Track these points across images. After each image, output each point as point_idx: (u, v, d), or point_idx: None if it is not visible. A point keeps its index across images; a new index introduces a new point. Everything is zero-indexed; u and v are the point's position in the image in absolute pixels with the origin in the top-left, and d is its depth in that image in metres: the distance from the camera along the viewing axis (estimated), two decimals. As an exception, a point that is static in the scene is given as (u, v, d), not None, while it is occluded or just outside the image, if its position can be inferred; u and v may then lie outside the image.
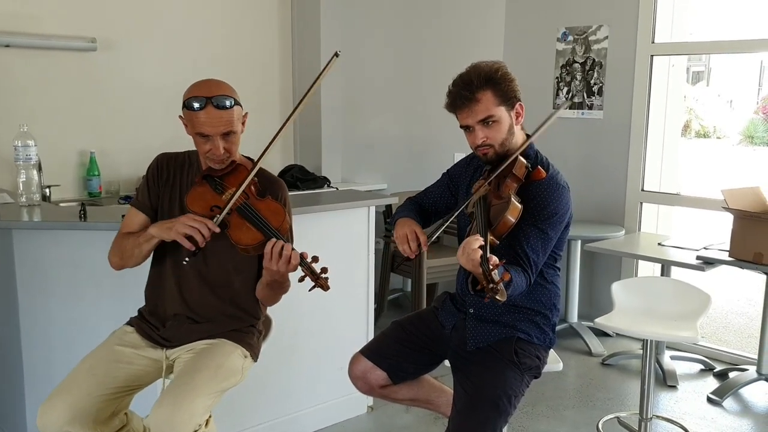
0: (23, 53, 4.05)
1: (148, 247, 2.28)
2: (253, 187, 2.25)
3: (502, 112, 2.30)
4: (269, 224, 2.15)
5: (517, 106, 2.34)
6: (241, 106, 2.29)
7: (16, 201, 2.98)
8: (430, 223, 2.62)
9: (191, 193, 2.25)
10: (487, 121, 2.28)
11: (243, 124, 2.33)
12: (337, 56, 2.28)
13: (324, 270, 2.07)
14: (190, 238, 2.13)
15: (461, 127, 2.36)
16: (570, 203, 2.36)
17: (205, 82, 2.26)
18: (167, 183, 2.39)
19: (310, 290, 2.08)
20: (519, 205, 2.20)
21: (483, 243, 2.00)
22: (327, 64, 2.29)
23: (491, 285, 1.89)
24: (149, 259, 2.40)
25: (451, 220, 2.34)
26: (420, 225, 2.44)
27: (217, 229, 2.14)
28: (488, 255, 1.94)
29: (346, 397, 3.44)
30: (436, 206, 2.63)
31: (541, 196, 2.29)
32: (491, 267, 1.90)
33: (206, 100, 2.19)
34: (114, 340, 2.34)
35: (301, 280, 2.10)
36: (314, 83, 2.29)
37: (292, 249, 2.09)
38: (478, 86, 2.26)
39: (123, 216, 2.46)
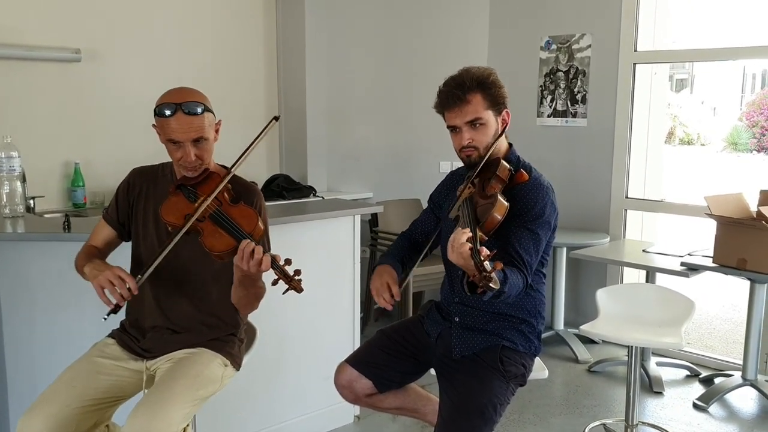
0: (7, 64, 4.03)
1: (85, 278, 2.25)
2: (226, 194, 2.25)
3: (489, 116, 2.33)
4: (242, 229, 2.14)
5: (504, 113, 2.38)
6: (212, 113, 2.30)
7: (0, 212, 2.96)
8: (422, 251, 2.62)
9: (165, 204, 2.25)
10: (474, 123, 2.31)
11: (216, 131, 2.33)
12: (276, 120, 2.34)
13: (297, 272, 2.05)
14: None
15: (448, 127, 2.38)
16: (555, 203, 2.39)
17: (176, 89, 2.27)
18: (140, 197, 2.40)
19: (284, 293, 2.06)
20: (505, 203, 2.22)
21: (471, 236, 2.00)
22: (266, 127, 2.32)
23: (484, 274, 1.89)
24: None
25: (424, 253, 2.38)
26: (397, 271, 2.46)
27: (136, 292, 2.13)
28: (478, 247, 1.94)
29: (332, 406, 3.44)
30: (426, 234, 2.65)
31: (527, 198, 2.32)
32: (482, 258, 1.90)
33: (176, 106, 2.20)
34: (95, 351, 2.34)
35: (275, 283, 2.08)
36: (252, 145, 2.29)
37: (264, 252, 2.08)
38: (469, 88, 2.30)
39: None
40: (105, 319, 2.12)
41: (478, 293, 1.99)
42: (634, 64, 4.57)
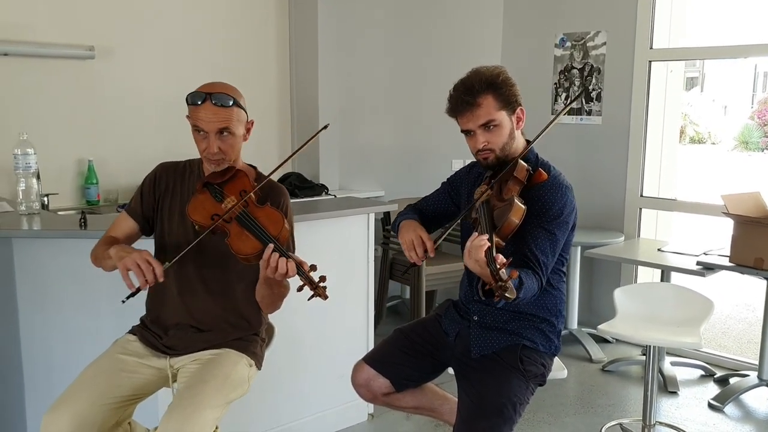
0: (21, 61, 4.03)
1: (110, 263, 2.23)
2: (253, 195, 2.24)
3: (503, 116, 2.30)
4: (268, 233, 2.13)
5: (518, 110, 2.35)
6: (244, 110, 2.29)
7: (16, 209, 2.96)
8: (430, 231, 2.61)
9: (192, 202, 2.24)
10: (488, 126, 2.28)
11: (247, 131, 2.32)
12: (325, 128, 2.38)
13: (322, 279, 2.05)
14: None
15: (462, 131, 2.35)
16: (574, 203, 2.36)
17: (212, 82, 2.27)
18: (166, 192, 2.38)
19: (309, 299, 2.06)
20: (522, 206, 2.19)
21: (488, 243, 1.99)
22: (316, 134, 2.39)
23: (500, 283, 1.87)
24: None
25: (454, 224, 2.33)
26: (424, 229, 2.43)
27: (162, 279, 2.11)
28: (494, 255, 1.92)
29: (346, 404, 3.43)
30: (436, 213, 2.62)
31: (545, 198, 2.29)
32: (498, 266, 1.89)
33: (206, 95, 2.20)
34: (117, 348, 2.32)
35: (300, 289, 2.07)
36: (304, 145, 2.36)
37: (289, 259, 2.06)
38: (479, 91, 2.26)
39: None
40: (123, 301, 2.09)
41: (494, 300, 1.97)
42: (650, 61, 4.54)
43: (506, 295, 1.88)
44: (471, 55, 5.02)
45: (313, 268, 2.07)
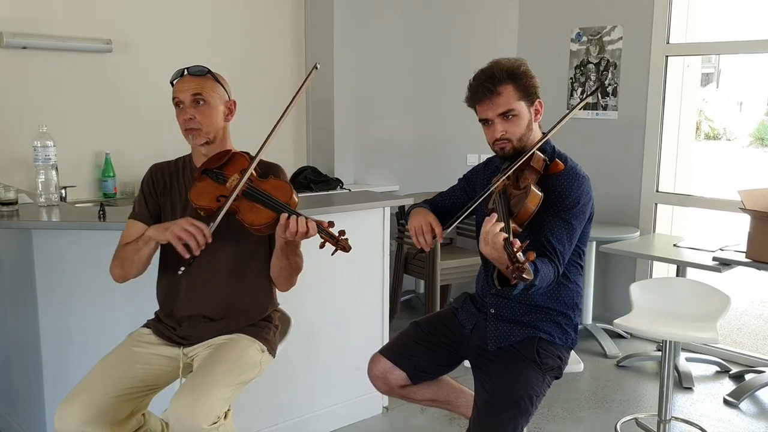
0: (40, 55, 4.06)
1: (147, 250, 2.27)
2: (254, 172, 2.27)
3: (522, 107, 2.31)
4: (278, 200, 2.17)
5: (536, 103, 2.36)
6: (224, 87, 2.36)
7: (35, 201, 2.99)
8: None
9: (194, 190, 2.27)
10: (507, 115, 2.30)
11: (230, 111, 2.39)
12: (316, 68, 2.35)
13: (342, 233, 2.09)
14: (186, 245, 2.13)
15: (480, 120, 2.36)
16: (591, 193, 2.36)
17: None
18: (165, 190, 2.42)
19: (332, 254, 2.10)
20: (539, 193, 2.20)
21: (504, 227, 1.99)
22: (307, 77, 2.35)
23: (517, 264, 1.87)
24: (158, 264, 2.41)
25: (468, 211, 2.32)
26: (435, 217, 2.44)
27: (210, 239, 2.14)
28: (512, 239, 1.93)
29: (361, 397, 3.44)
30: (451, 208, 2.61)
31: (562, 187, 2.30)
32: (515, 249, 1.89)
33: (184, 69, 2.32)
34: (130, 341, 2.35)
35: (322, 246, 2.11)
36: (296, 95, 2.33)
37: (307, 219, 2.11)
38: (500, 80, 2.28)
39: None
40: (180, 272, 2.13)
41: (512, 284, 1.97)
42: (667, 56, 4.52)
43: (524, 276, 1.88)
44: (486, 50, 4.99)
45: (331, 224, 2.11)
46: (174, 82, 2.33)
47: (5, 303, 3.15)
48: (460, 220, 2.33)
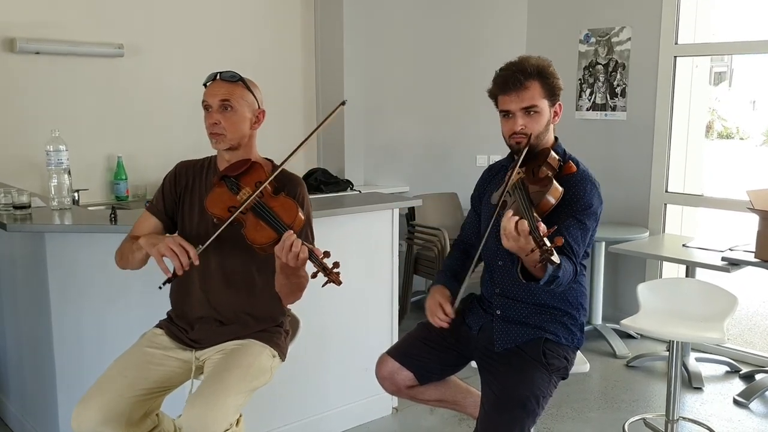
0: (52, 60, 4.11)
1: (139, 255, 2.29)
2: (269, 186, 2.26)
3: (545, 105, 2.35)
4: (281, 221, 2.16)
5: (557, 104, 2.40)
6: (254, 95, 2.36)
7: (48, 205, 3.02)
8: (472, 258, 2.60)
9: (210, 195, 2.28)
10: (529, 110, 2.33)
11: (257, 120, 2.38)
12: (343, 105, 2.35)
13: (336, 264, 2.06)
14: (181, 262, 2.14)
15: (501, 111, 2.38)
16: (601, 199, 2.39)
17: None
18: (186, 189, 2.43)
19: (323, 285, 2.08)
20: (560, 188, 2.23)
21: (527, 215, 2.01)
22: (332, 111, 2.33)
23: (545, 247, 1.90)
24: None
25: (493, 218, 2.32)
26: (451, 287, 2.49)
27: (197, 262, 2.15)
28: (536, 224, 1.95)
29: (371, 398, 3.46)
30: (477, 232, 2.64)
31: (575, 189, 2.32)
32: (542, 234, 1.92)
33: (217, 73, 2.32)
34: (144, 342, 2.38)
35: (314, 276, 2.10)
36: (319, 126, 2.36)
37: (302, 244, 2.09)
38: (530, 74, 2.32)
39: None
40: (161, 287, 2.14)
41: (536, 277, 1.99)
42: (675, 57, 4.51)
43: (552, 259, 1.90)
44: (495, 52, 5.02)
45: (327, 254, 2.09)
46: (206, 85, 2.34)
47: (19, 305, 3.20)
48: (475, 264, 2.38)
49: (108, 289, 2.83)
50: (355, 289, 3.41)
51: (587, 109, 4.89)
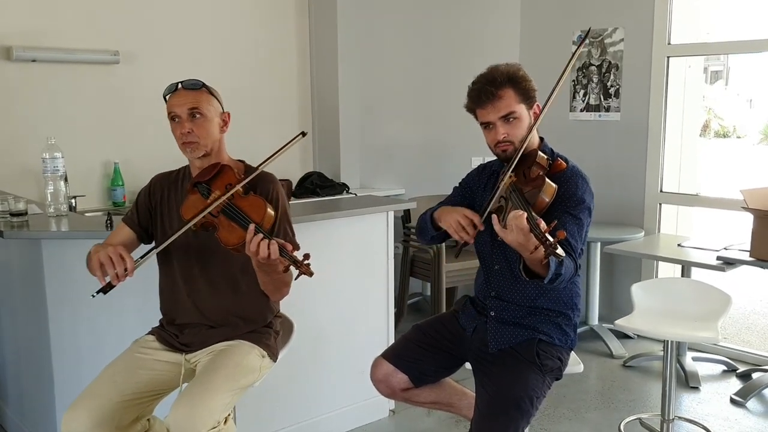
0: (48, 67, 4.12)
1: (90, 262, 2.27)
2: (240, 187, 2.27)
3: (522, 109, 2.36)
4: (251, 220, 2.16)
5: (535, 105, 2.41)
6: (218, 100, 2.39)
7: (44, 212, 3.04)
8: (447, 238, 2.63)
9: (185, 204, 2.31)
10: (508, 118, 2.34)
11: (225, 123, 2.40)
12: (303, 135, 2.32)
13: (306, 256, 2.06)
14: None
15: (481, 124, 2.40)
16: (593, 193, 2.41)
17: None
18: (162, 201, 2.46)
19: (295, 278, 2.09)
20: (554, 185, 2.25)
21: (525, 212, 2.02)
22: (290, 141, 2.30)
23: (548, 242, 1.91)
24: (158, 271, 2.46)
25: (488, 207, 2.32)
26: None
27: (131, 274, 2.16)
28: (536, 221, 1.97)
29: (367, 401, 3.48)
30: None
31: (567, 185, 2.34)
32: (543, 229, 1.93)
33: (178, 83, 2.35)
34: (135, 348, 2.41)
35: (285, 270, 2.09)
36: (274, 154, 2.30)
37: (271, 240, 2.08)
38: (501, 83, 2.33)
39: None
40: (93, 296, 2.15)
41: (540, 275, 2.00)
42: (668, 57, 4.54)
43: (557, 252, 1.92)
44: (489, 53, 5.04)
45: (296, 248, 2.11)
46: (167, 97, 2.36)
47: (16, 312, 3.21)
48: (488, 210, 2.32)
49: (105, 295, 2.84)
50: (351, 292, 3.43)
51: (581, 110, 4.91)
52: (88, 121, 4.30)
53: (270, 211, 2.21)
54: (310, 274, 2.05)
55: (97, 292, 2.16)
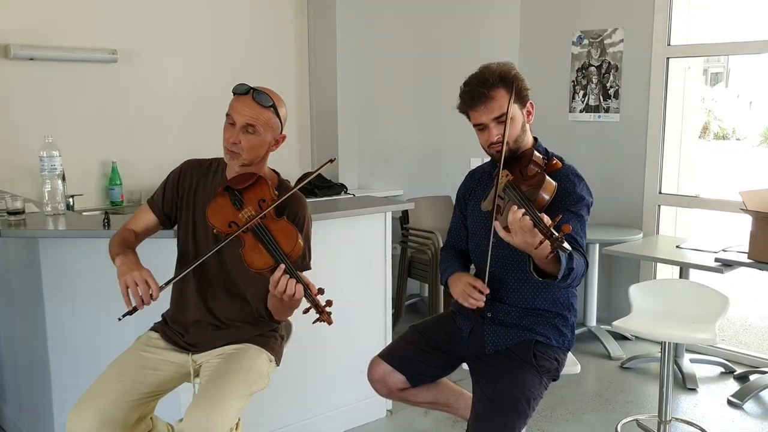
0: (46, 65, 4.12)
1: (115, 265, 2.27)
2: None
3: (515, 109, 2.35)
4: (281, 249, 2.12)
5: (528, 104, 2.40)
6: (280, 122, 2.33)
7: (42, 210, 3.04)
8: (470, 259, 2.64)
9: (212, 205, 2.25)
10: (501, 119, 2.32)
11: (276, 143, 2.35)
12: (331, 162, 2.33)
13: (329, 303, 2.04)
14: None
15: (475, 125, 2.39)
16: (590, 191, 2.41)
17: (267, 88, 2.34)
18: (189, 191, 2.42)
19: (313, 323, 2.05)
20: (554, 182, 2.24)
21: (526, 210, 2.01)
22: (321, 166, 2.34)
23: (554, 236, 1.91)
24: (174, 263, 2.45)
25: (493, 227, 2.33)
26: (467, 271, 2.48)
27: (156, 300, 2.16)
28: (539, 216, 1.96)
29: (365, 401, 3.47)
30: (464, 238, 2.65)
31: (565, 183, 2.34)
32: (547, 224, 1.93)
33: (251, 89, 2.27)
34: (140, 346, 2.38)
35: (306, 311, 2.06)
36: (308, 177, 2.43)
37: (298, 282, 2.05)
38: (493, 84, 2.31)
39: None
40: (120, 319, 2.13)
41: (548, 257, 1.99)
42: (668, 58, 4.54)
43: (564, 245, 1.91)
44: (489, 54, 5.00)
45: (321, 291, 2.07)
46: (235, 94, 2.28)
47: (13, 310, 3.21)
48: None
49: (102, 292, 2.83)
50: (348, 292, 3.42)
51: (580, 111, 4.90)
52: (86, 119, 4.30)
53: (300, 242, 2.16)
54: (330, 323, 2.03)
55: (124, 316, 2.16)
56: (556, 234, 1.92)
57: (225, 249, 2.23)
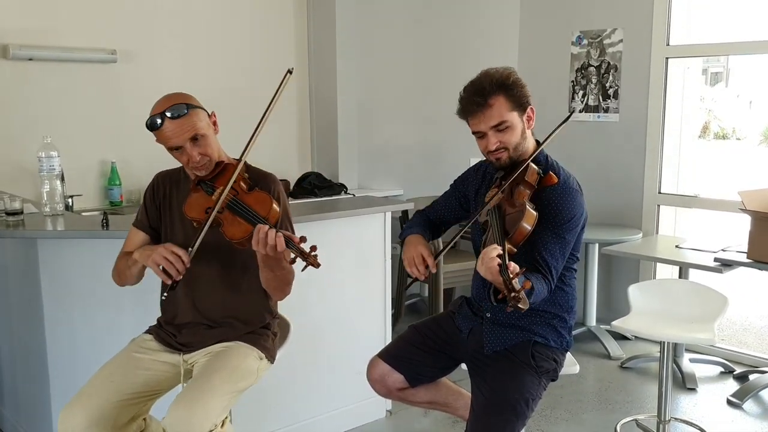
0: (45, 66, 4.13)
1: (136, 269, 2.34)
2: (243, 183, 2.29)
3: (514, 117, 2.31)
4: (257, 214, 2.19)
5: (528, 110, 2.36)
6: (202, 108, 2.34)
7: (40, 211, 3.04)
8: (440, 234, 2.66)
9: (188, 201, 2.31)
10: (499, 127, 2.30)
11: (214, 124, 2.38)
12: (290, 73, 2.33)
13: (313, 248, 2.07)
14: (168, 271, 2.19)
15: (473, 133, 2.37)
16: (584, 206, 2.37)
17: (160, 99, 2.31)
18: (165, 199, 2.46)
19: (302, 270, 2.09)
20: (534, 213, 2.21)
21: (501, 252, 2.01)
22: (282, 83, 2.34)
23: (513, 294, 1.90)
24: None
25: (464, 230, 2.37)
26: (428, 241, 2.48)
27: (189, 264, 2.20)
28: (507, 263, 1.95)
29: (364, 401, 3.47)
30: (444, 217, 2.66)
31: (555, 202, 2.31)
32: (511, 276, 1.91)
33: (161, 115, 2.24)
34: (132, 347, 2.40)
35: (292, 261, 2.11)
36: (271, 103, 2.38)
37: (277, 232, 2.10)
38: (490, 92, 2.27)
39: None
40: (164, 297, 2.22)
41: (507, 310, 1.99)
42: (667, 58, 4.53)
43: (519, 305, 1.91)
44: (488, 54, 5.05)
45: (303, 239, 2.11)
46: (152, 128, 2.26)
47: (12, 311, 3.21)
48: (450, 245, 2.37)
49: (100, 294, 2.84)
50: (348, 292, 3.42)
51: (580, 111, 4.90)
52: (85, 120, 4.30)
53: (275, 206, 2.23)
54: (317, 265, 2.06)
55: (168, 291, 2.23)
56: (516, 291, 1.90)
57: (208, 245, 2.25)
